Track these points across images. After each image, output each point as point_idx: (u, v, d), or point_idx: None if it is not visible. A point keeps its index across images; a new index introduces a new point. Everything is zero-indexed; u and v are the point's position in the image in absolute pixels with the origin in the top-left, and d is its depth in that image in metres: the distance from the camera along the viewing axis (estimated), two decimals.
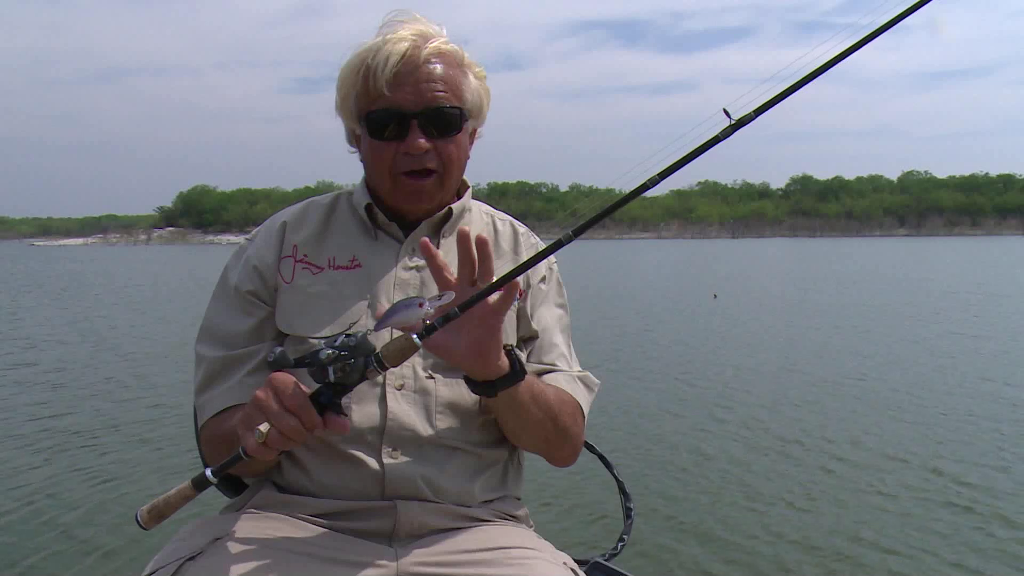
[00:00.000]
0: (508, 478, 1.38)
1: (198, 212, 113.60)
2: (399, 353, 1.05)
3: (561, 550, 1.31)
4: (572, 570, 1.26)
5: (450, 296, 1.07)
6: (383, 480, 1.24)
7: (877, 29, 1.07)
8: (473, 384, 1.19)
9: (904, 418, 6.12)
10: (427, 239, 1.15)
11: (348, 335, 1.07)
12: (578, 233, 1.07)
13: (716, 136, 1.06)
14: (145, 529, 1.10)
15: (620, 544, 1.54)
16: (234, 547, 1.16)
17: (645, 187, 1.07)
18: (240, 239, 1.47)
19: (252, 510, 1.28)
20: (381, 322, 1.09)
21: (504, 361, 1.17)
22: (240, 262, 1.38)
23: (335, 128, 1.39)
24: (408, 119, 1.28)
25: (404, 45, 1.27)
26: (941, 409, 6.42)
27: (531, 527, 1.39)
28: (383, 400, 1.26)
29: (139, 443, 5.46)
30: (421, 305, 1.05)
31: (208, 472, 1.08)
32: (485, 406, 1.30)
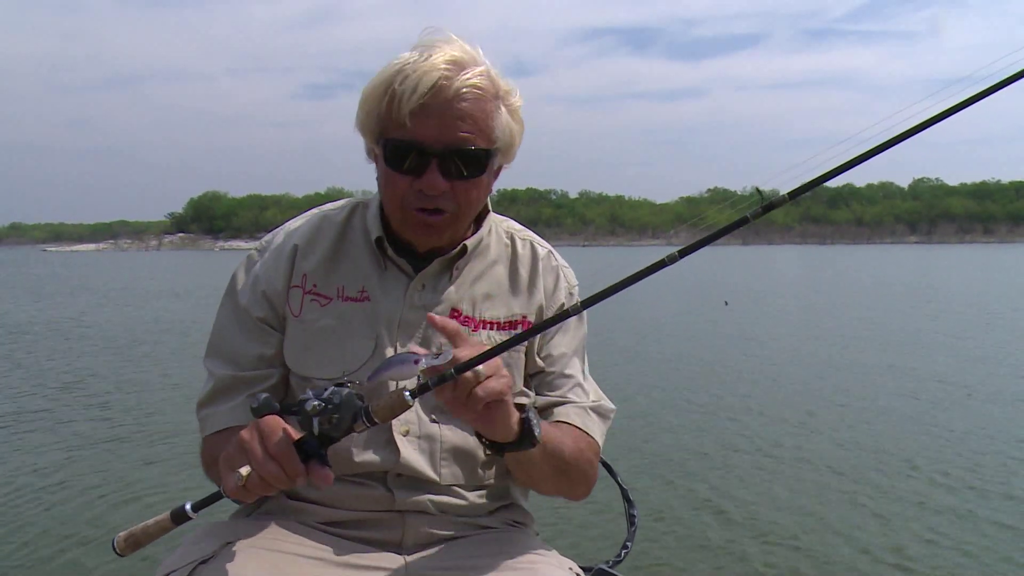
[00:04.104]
0: (514, 488, 1.40)
1: (209, 218, 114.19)
2: (389, 410, 1.03)
3: (566, 557, 1.33)
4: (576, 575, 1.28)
5: (448, 355, 1.02)
6: (392, 500, 1.27)
7: (923, 122, 1.06)
8: (480, 437, 1.17)
9: (917, 430, 6.07)
10: (434, 315, 1.10)
11: (339, 384, 1.04)
12: (587, 305, 1.08)
13: (744, 217, 1.08)
14: (121, 556, 1.10)
15: (624, 551, 1.56)
16: (245, 552, 1.17)
17: (663, 263, 1.05)
18: (251, 246, 1.45)
19: (263, 516, 1.30)
20: (374, 375, 1.07)
21: (514, 425, 1.11)
22: (249, 280, 1.35)
23: (346, 135, 1.34)
24: (428, 156, 1.20)
25: (435, 75, 1.16)
26: (963, 420, 6.36)
27: (537, 535, 1.41)
28: (391, 442, 1.26)
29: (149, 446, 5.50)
30: (416, 362, 1.03)
31: (188, 507, 1.07)
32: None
